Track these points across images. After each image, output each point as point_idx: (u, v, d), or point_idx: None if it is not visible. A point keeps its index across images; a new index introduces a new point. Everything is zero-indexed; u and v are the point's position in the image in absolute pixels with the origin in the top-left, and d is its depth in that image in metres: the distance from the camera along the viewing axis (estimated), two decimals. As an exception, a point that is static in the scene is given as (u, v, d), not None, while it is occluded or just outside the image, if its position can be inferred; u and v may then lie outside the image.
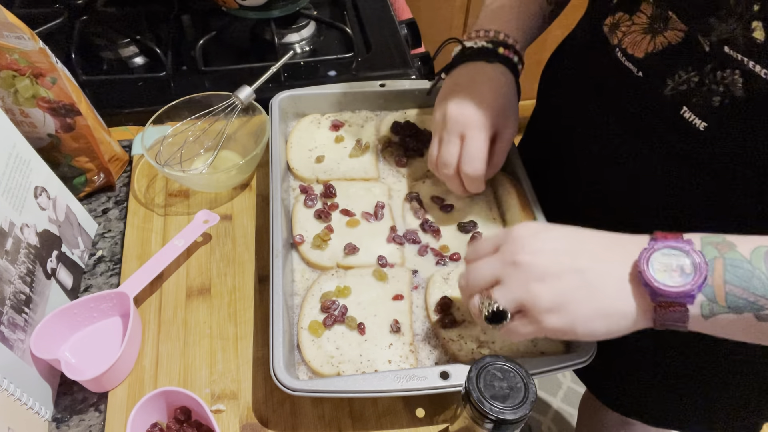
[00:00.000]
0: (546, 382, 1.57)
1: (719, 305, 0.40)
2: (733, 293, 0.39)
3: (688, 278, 0.40)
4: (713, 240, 0.41)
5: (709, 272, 0.40)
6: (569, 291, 0.42)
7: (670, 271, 0.40)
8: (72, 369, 0.56)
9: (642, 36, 0.52)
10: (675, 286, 0.40)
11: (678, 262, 0.40)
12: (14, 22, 0.56)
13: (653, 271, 0.40)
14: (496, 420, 0.41)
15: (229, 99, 0.73)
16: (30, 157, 0.58)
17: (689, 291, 0.39)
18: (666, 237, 0.41)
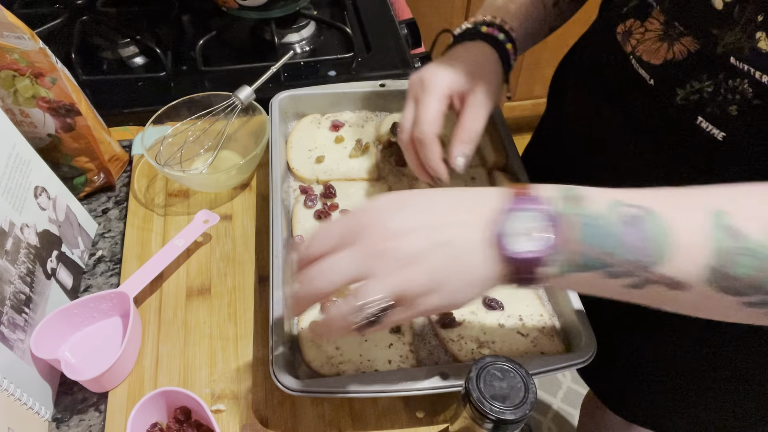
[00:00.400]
0: (546, 382, 1.57)
1: (572, 264, 0.38)
2: (585, 252, 0.37)
3: (541, 243, 0.38)
4: (571, 194, 0.39)
5: (564, 232, 0.38)
6: (440, 268, 0.39)
7: (524, 235, 0.38)
8: (72, 369, 0.56)
9: (659, 44, 0.51)
10: (529, 252, 0.38)
11: (532, 225, 0.38)
12: (14, 22, 0.56)
13: (508, 236, 0.38)
14: (496, 420, 0.41)
15: (229, 99, 0.73)
16: (30, 157, 0.58)
17: (541, 256, 0.38)
18: (522, 196, 0.39)
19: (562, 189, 0.40)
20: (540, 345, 0.56)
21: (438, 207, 0.42)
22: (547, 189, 0.40)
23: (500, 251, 0.38)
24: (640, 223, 0.37)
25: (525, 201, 0.39)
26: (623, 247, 0.37)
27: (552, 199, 0.39)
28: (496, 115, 0.74)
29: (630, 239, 0.37)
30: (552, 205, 0.38)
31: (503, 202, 0.39)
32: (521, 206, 0.39)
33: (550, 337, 0.56)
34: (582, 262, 0.38)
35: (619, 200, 0.38)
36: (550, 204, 0.38)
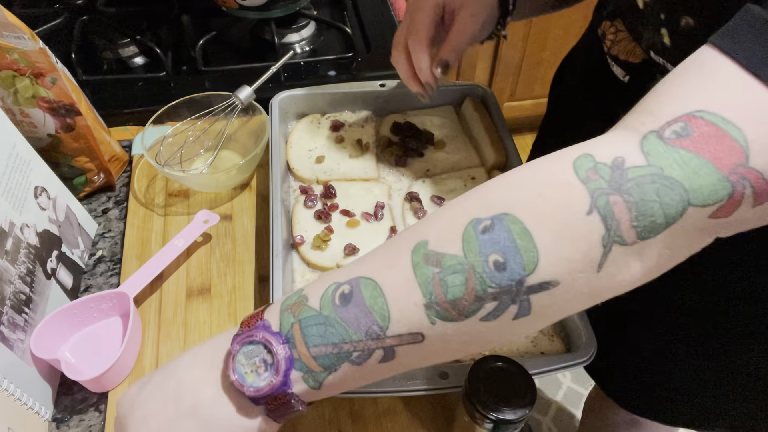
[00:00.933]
0: (546, 382, 1.57)
1: (317, 372, 0.35)
2: (320, 354, 0.35)
3: (272, 371, 0.35)
4: (289, 302, 0.37)
5: (292, 345, 0.35)
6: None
7: (256, 368, 0.36)
8: (72, 369, 0.56)
9: (633, 43, 0.53)
10: (264, 386, 0.35)
11: (260, 356, 0.36)
12: (14, 22, 0.56)
13: (241, 376, 0.36)
14: (496, 420, 0.41)
15: (229, 99, 0.73)
16: (30, 157, 0.58)
17: (280, 383, 0.35)
18: (247, 325, 0.37)
19: (284, 300, 0.37)
20: (540, 345, 0.56)
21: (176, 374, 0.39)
22: (272, 307, 0.38)
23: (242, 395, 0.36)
24: (354, 297, 0.34)
25: (249, 333, 0.36)
26: (349, 330, 0.34)
27: (273, 318, 0.37)
28: (496, 114, 0.74)
29: (351, 318, 0.34)
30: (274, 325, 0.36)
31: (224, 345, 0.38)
32: (241, 341, 0.36)
33: (550, 337, 0.56)
34: (324, 365, 0.35)
35: (335, 281, 0.36)
36: (271, 325, 0.36)
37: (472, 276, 0.32)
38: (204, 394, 0.37)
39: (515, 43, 1.70)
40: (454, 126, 0.76)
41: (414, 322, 0.33)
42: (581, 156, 0.32)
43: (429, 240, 0.34)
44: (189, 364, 0.40)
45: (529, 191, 0.33)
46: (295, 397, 0.36)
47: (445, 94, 0.78)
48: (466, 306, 0.32)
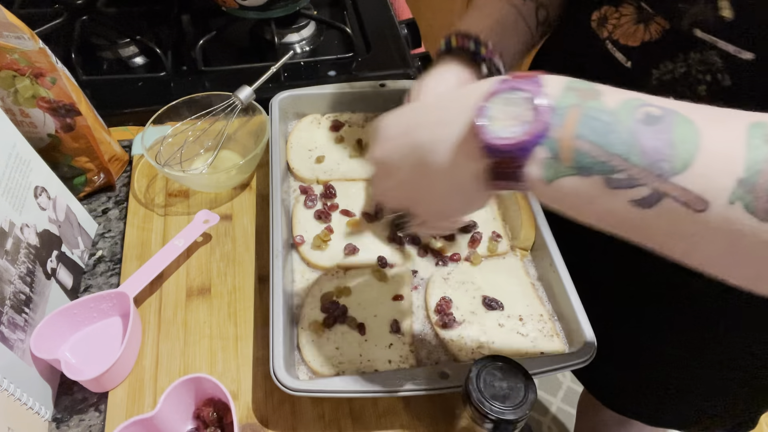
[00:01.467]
0: (546, 382, 1.57)
1: (563, 164, 0.32)
2: (582, 150, 0.31)
3: (525, 127, 0.31)
4: (578, 86, 0.33)
5: (558, 122, 0.31)
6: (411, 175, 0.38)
7: (508, 119, 0.32)
8: (72, 369, 0.56)
9: (635, 26, 0.51)
10: (508, 137, 0.32)
11: (519, 108, 0.32)
12: (14, 22, 0.56)
13: (488, 119, 0.32)
14: (496, 420, 0.41)
15: (229, 99, 0.73)
16: (30, 157, 0.58)
17: (524, 143, 0.31)
18: (517, 79, 0.33)
19: (571, 80, 0.33)
20: (540, 345, 0.56)
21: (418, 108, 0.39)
22: (553, 77, 0.34)
23: (477, 140, 0.33)
24: (662, 124, 0.30)
25: (517, 83, 0.33)
26: (636, 149, 0.30)
27: (552, 86, 0.33)
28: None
29: (647, 140, 0.30)
30: (549, 91, 0.32)
31: (492, 86, 0.34)
32: (511, 88, 0.33)
33: (550, 337, 0.56)
34: (578, 163, 0.31)
35: (639, 99, 0.32)
36: (545, 88, 0.33)
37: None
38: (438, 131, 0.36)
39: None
40: None
41: (711, 188, 0.29)
42: None
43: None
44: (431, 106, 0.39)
45: None
46: (523, 174, 0.33)
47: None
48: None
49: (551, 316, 0.59)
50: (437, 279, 0.61)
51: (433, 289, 0.60)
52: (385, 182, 0.40)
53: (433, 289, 0.60)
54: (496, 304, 0.58)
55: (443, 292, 0.60)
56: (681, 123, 0.30)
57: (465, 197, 0.37)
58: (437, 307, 0.58)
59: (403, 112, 0.40)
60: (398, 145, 0.38)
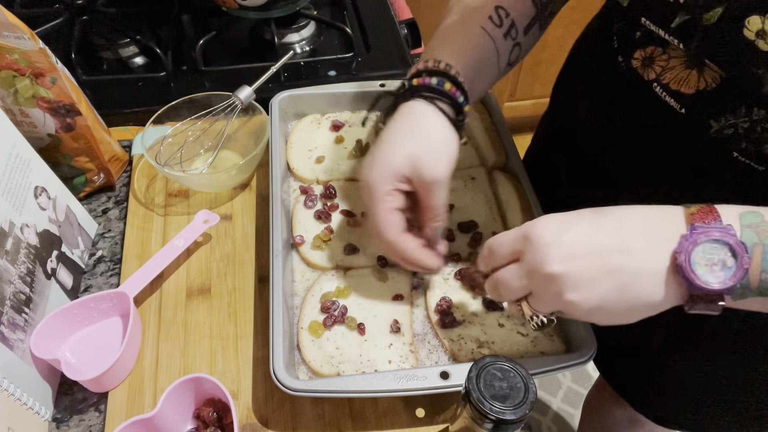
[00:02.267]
0: (546, 382, 1.57)
1: (751, 291, 0.38)
2: (766, 281, 0.37)
3: (730, 273, 0.37)
4: (752, 221, 0.38)
5: (748, 261, 0.37)
6: (604, 295, 0.40)
7: (712, 265, 0.38)
8: (72, 369, 0.56)
9: (687, 71, 0.48)
10: (716, 283, 0.37)
11: (720, 256, 0.37)
12: (14, 22, 0.56)
13: (694, 266, 0.38)
14: (496, 420, 0.41)
15: (229, 99, 0.73)
16: (30, 157, 0.58)
17: (731, 287, 0.37)
18: (706, 223, 0.38)
19: (742, 214, 0.39)
20: (540, 345, 0.56)
21: (607, 229, 0.41)
22: (729, 213, 0.39)
23: (684, 280, 0.38)
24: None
25: (708, 230, 0.38)
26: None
27: (735, 227, 0.38)
28: (496, 114, 0.74)
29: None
30: (736, 234, 0.38)
31: (685, 228, 0.39)
32: (708, 237, 0.38)
33: (550, 337, 0.56)
34: (763, 290, 0.37)
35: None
36: (732, 232, 0.38)
37: None
38: (633, 262, 0.39)
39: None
40: None
41: None
42: None
43: None
44: (620, 226, 0.41)
45: None
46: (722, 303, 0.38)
47: (445, 94, 0.78)
48: None
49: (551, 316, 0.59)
50: (437, 279, 0.61)
51: (433, 289, 0.60)
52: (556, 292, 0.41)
53: (433, 289, 0.60)
54: (496, 304, 0.58)
55: (443, 292, 0.60)
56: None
57: (643, 314, 0.41)
58: (437, 307, 0.58)
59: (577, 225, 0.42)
60: (589, 266, 0.40)
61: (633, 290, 0.40)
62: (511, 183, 0.67)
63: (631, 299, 0.40)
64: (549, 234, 0.41)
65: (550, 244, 0.41)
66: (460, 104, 0.53)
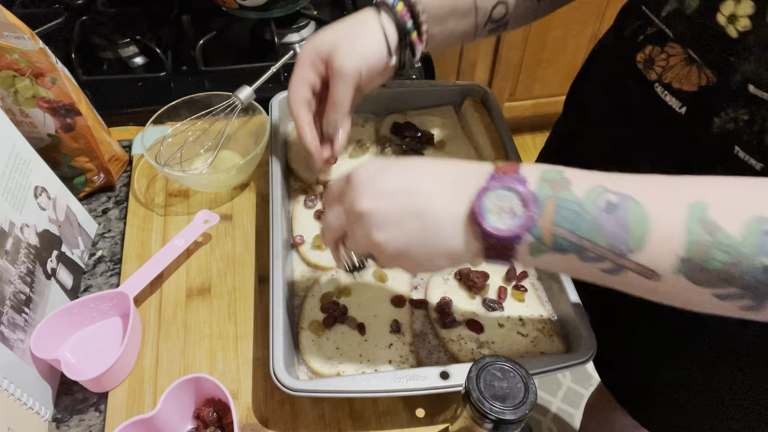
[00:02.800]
0: (546, 382, 1.57)
1: (545, 246, 0.39)
2: (559, 235, 0.38)
3: (517, 221, 0.39)
4: (551, 176, 0.39)
5: (539, 213, 0.38)
6: (408, 237, 0.41)
7: (502, 212, 0.39)
8: (72, 369, 0.56)
9: (688, 68, 0.49)
10: (503, 229, 0.39)
11: (510, 204, 0.39)
12: (14, 22, 0.56)
13: (486, 212, 0.39)
14: (496, 420, 0.41)
15: (229, 99, 0.73)
16: (30, 157, 0.58)
17: (516, 234, 0.39)
18: (504, 173, 0.40)
19: (545, 170, 0.40)
20: (540, 345, 0.56)
21: (419, 174, 0.42)
22: (530, 169, 0.40)
23: (477, 227, 0.39)
24: (619, 211, 0.37)
25: (506, 180, 0.39)
26: (600, 234, 0.37)
27: (532, 180, 0.39)
28: (496, 114, 0.74)
29: (607, 226, 0.37)
30: (531, 186, 0.39)
31: (485, 179, 0.40)
32: (501, 184, 0.39)
33: (550, 337, 0.56)
34: (556, 245, 0.38)
35: (602, 185, 0.38)
36: (528, 185, 0.39)
37: (737, 263, 0.34)
38: (437, 205, 0.41)
39: (515, 43, 1.69)
40: (454, 126, 0.76)
41: (660, 263, 0.36)
42: None
43: (709, 205, 0.35)
44: (432, 172, 0.42)
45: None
46: (513, 253, 0.40)
47: (445, 94, 0.78)
48: (713, 279, 0.36)
49: (551, 316, 0.59)
50: (437, 279, 0.61)
51: (433, 289, 0.60)
52: (375, 234, 0.42)
53: (433, 289, 0.60)
54: (496, 305, 0.58)
55: (443, 292, 0.60)
56: (634, 209, 0.37)
57: (453, 261, 0.43)
58: (437, 307, 0.58)
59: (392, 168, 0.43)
60: (396, 204, 0.41)
61: (434, 235, 0.41)
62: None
63: (431, 244, 0.41)
64: (366, 174, 0.43)
65: (365, 182, 0.43)
66: (405, 29, 0.57)
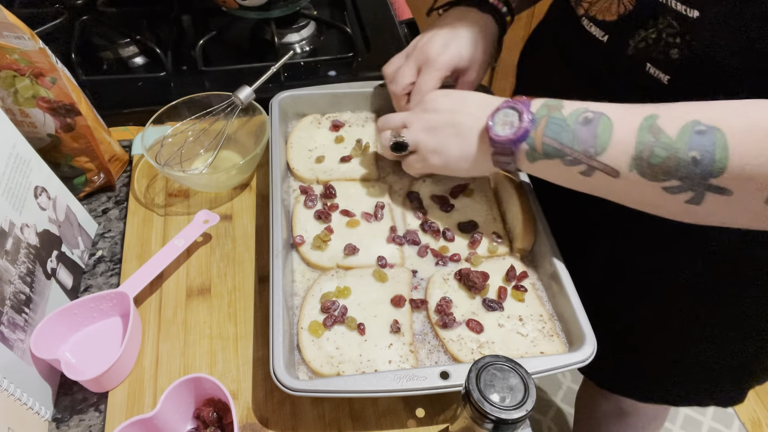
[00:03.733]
0: (546, 382, 1.57)
1: (537, 152, 0.52)
2: (547, 143, 0.51)
3: (514, 130, 0.52)
4: (551, 103, 0.52)
5: (534, 127, 0.51)
6: (446, 139, 0.58)
7: (505, 124, 0.53)
8: (72, 369, 0.56)
9: (609, 1, 0.56)
10: (503, 135, 0.53)
11: (512, 119, 0.53)
12: (14, 22, 0.56)
13: (494, 124, 0.54)
14: (496, 420, 0.41)
15: (229, 99, 0.73)
16: (30, 157, 0.58)
17: (512, 139, 0.52)
18: (516, 100, 0.53)
19: (548, 100, 0.52)
20: (540, 345, 0.56)
21: (464, 101, 0.58)
22: (536, 99, 0.53)
23: (486, 134, 0.54)
24: (592, 123, 0.48)
25: (514, 103, 0.53)
26: (575, 141, 0.49)
27: (535, 105, 0.52)
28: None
29: (582, 134, 0.49)
30: (532, 108, 0.52)
31: (499, 103, 0.54)
32: (509, 105, 0.53)
33: (550, 337, 0.56)
34: (545, 151, 0.51)
35: (585, 107, 0.50)
36: (531, 106, 0.52)
37: (673, 156, 0.44)
38: (467, 120, 0.57)
39: (515, 43, 1.69)
40: None
41: (618, 162, 0.48)
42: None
43: (659, 116, 0.46)
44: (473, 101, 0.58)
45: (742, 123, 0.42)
46: (515, 158, 0.54)
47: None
48: (658, 173, 0.46)
49: (551, 316, 0.59)
50: (437, 279, 0.61)
51: (433, 289, 0.60)
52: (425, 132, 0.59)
53: (433, 289, 0.60)
54: (495, 305, 0.58)
55: (443, 293, 0.60)
56: (604, 121, 0.48)
57: (473, 165, 0.58)
58: (437, 307, 0.58)
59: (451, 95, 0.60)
60: (444, 117, 0.58)
61: (461, 141, 0.57)
62: (511, 183, 0.67)
63: (459, 148, 0.57)
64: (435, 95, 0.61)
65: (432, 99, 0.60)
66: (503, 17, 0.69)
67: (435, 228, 0.65)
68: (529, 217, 0.63)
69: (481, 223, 0.66)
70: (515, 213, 0.64)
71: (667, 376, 0.76)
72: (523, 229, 0.62)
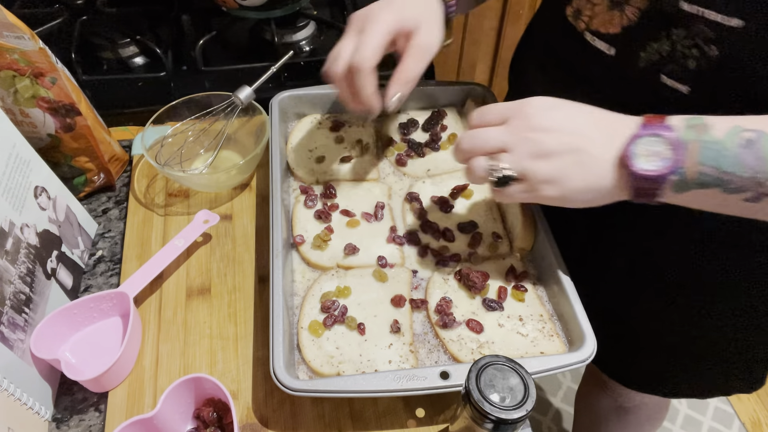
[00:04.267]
0: (546, 382, 1.57)
1: (689, 182, 0.44)
2: (703, 172, 0.43)
3: (665, 163, 0.44)
4: (694, 123, 0.44)
5: (684, 155, 0.43)
6: (565, 168, 0.47)
7: (650, 156, 0.44)
8: (72, 369, 0.56)
9: (611, 12, 0.54)
10: (652, 170, 0.44)
11: (658, 148, 0.44)
12: (14, 22, 0.56)
13: (635, 156, 0.45)
14: (496, 420, 0.41)
15: (229, 99, 0.73)
16: (30, 157, 0.58)
17: (663, 175, 0.44)
18: (652, 123, 0.45)
19: (688, 118, 0.45)
20: (540, 345, 0.56)
21: (581, 119, 0.49)
22: (675, 118, 0.45)
23: (625, 170, 0.45)
24: (756, 145, 0.42)
25: (653, 128, 0.45)
26: (741, 167, 0.42)
27: (677, 127, 0.44)
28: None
29: (746, 159, 0.42)
30: (677, 133, 0.44)
31: (637, 127, 0.46)
32: (650, 132, 0.45)
33: (550, 337, 0.56)
34: (700, 181, 0.44)
35: (739, 125, 0.43)
36: (674, 131, 0.44)
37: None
38: (593, 147, 0.47)
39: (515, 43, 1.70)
40: (457, 126, 0.76)
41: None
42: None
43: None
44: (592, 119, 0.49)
45: None
46: (662, 191, 0.45)
47: (447, 94, 0.79)
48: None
49: (551, 316, 0.59)
50: (437, 279, 0.61)
51: (433, 289, 0.60)
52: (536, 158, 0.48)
53: (433, 289, 0.60)
54: (496, 305, 0.58)
55: (443, 293, 0.60)
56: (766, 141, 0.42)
57: (600, 197, 0.49)
58: (437, 307, 0.58)
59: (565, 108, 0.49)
60: (560, 140, 0.47)
61: (586, 172, 0.47)
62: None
63: (582, 180, 0.47)
64: (540, 106, 0.49)
65: (538, 114, 0.49)
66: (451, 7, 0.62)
67: (435, 228, 0.65)
68: (529, 217, 0.63)
69: (481, 223, 0.66)
70: (515, 213, 0.64)
71: (681, 369, 0.75)
72: (523, 229, 0.62)
